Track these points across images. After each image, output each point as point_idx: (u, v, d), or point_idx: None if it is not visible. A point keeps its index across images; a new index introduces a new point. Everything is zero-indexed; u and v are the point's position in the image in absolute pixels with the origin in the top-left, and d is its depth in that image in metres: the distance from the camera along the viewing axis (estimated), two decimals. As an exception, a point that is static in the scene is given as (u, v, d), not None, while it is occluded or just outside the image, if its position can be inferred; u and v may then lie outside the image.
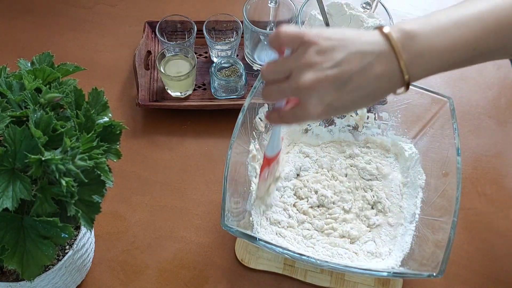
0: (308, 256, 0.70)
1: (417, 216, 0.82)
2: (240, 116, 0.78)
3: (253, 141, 0.85)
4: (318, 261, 0.70)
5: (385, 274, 0.69)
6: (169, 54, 0.99)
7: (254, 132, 0.85)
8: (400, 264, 0.78)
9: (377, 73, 0.56)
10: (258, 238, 0.69)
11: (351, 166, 0.90)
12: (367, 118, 0.91)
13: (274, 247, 0.70)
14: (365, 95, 0.57)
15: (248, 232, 0.73)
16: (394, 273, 0.72)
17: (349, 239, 0.82)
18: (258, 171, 0.84)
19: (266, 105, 0.86)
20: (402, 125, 0.90)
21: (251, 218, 0.81)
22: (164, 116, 0.99)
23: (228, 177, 0.74)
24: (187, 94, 1.00)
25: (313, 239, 0.82)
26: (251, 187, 0.83)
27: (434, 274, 0.67)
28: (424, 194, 0.84)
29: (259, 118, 0.86)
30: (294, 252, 0.70)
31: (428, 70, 0.57)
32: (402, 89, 0.57)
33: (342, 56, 0.56)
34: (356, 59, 0.56)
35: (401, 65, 0.55)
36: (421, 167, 0.86)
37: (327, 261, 0.72)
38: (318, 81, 0.56)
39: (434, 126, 0.84)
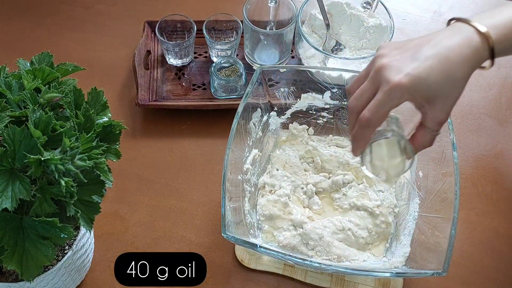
0: (311, 261, 0.69)
1: (417, 214, 0.82)
2: (235, 122, 0.77)
3: (249, 144, 0.84)
4: (322, 265, 0.70)
5: (388, 274, 0.69)
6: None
7: (248, 137, 0.84)
8: (403, 263, 0.78)
9: (445, 35, 0.60)
10: (259, 245, 0.69)
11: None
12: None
13: (275, 253, 0.69)
14: (442, 57, 0.58)
15: (249, 240, 0.73)
16: (397, 273, 0.71)
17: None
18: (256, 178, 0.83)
19: (259, 110, 0.86)
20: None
21: (250, 219, 0.81)
22: (164, 116, 0.99)
23: (226, 184, 0.73)
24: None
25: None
26: (247, 192, 0.83)
27: (440, 271, 0.66)
28: (423, 192, 0.83)
29: (253, 123, 0.85)
30: (296, 258, 0.69)
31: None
32: (480, 42, 0.59)
33: (409, 42, 0.62)
34: (423, 37, 0.61)
35: (473, 24, 0.60)
36: (418, 165, 0.85)
37: (330, 265, 0.71)
38: (390, 58, 0.60)
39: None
